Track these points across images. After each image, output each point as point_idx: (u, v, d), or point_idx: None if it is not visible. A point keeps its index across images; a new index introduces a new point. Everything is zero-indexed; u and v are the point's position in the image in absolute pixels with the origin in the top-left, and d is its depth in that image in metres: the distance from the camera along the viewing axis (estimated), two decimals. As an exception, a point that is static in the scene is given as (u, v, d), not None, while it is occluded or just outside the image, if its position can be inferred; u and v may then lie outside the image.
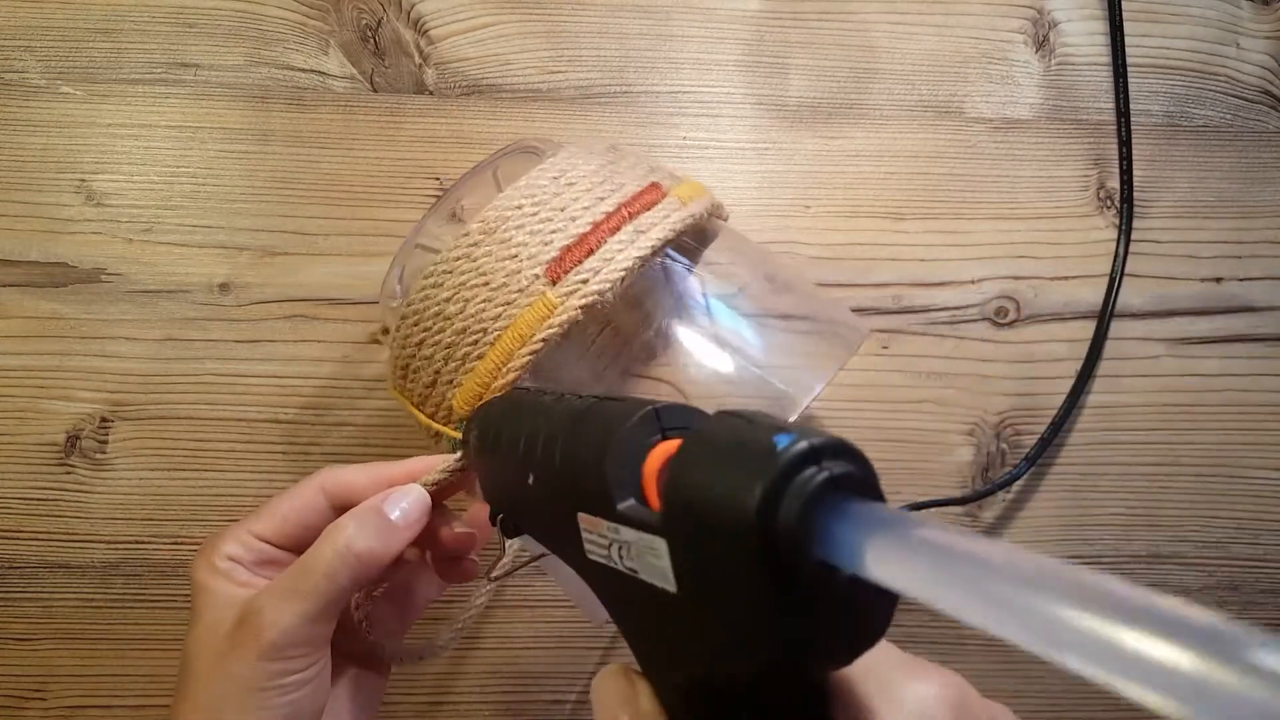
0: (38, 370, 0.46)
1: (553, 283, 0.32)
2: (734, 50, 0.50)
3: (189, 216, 0.48)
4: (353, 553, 0.30)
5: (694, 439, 0.20)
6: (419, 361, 0.34)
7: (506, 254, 0.33)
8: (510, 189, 0.34)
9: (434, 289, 0.33)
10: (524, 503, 0.28)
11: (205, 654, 0.30)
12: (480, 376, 0.32)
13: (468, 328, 0.33)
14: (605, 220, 0.33)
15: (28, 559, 0.46)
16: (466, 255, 0.33)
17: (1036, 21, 0.51)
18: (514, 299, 0.32)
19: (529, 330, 0.32)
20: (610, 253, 0.33)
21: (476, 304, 0.33)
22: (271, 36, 0.49)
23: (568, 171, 0.35)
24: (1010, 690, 0.47)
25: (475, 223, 0.33)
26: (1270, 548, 0.48)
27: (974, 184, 0.50)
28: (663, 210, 0.34)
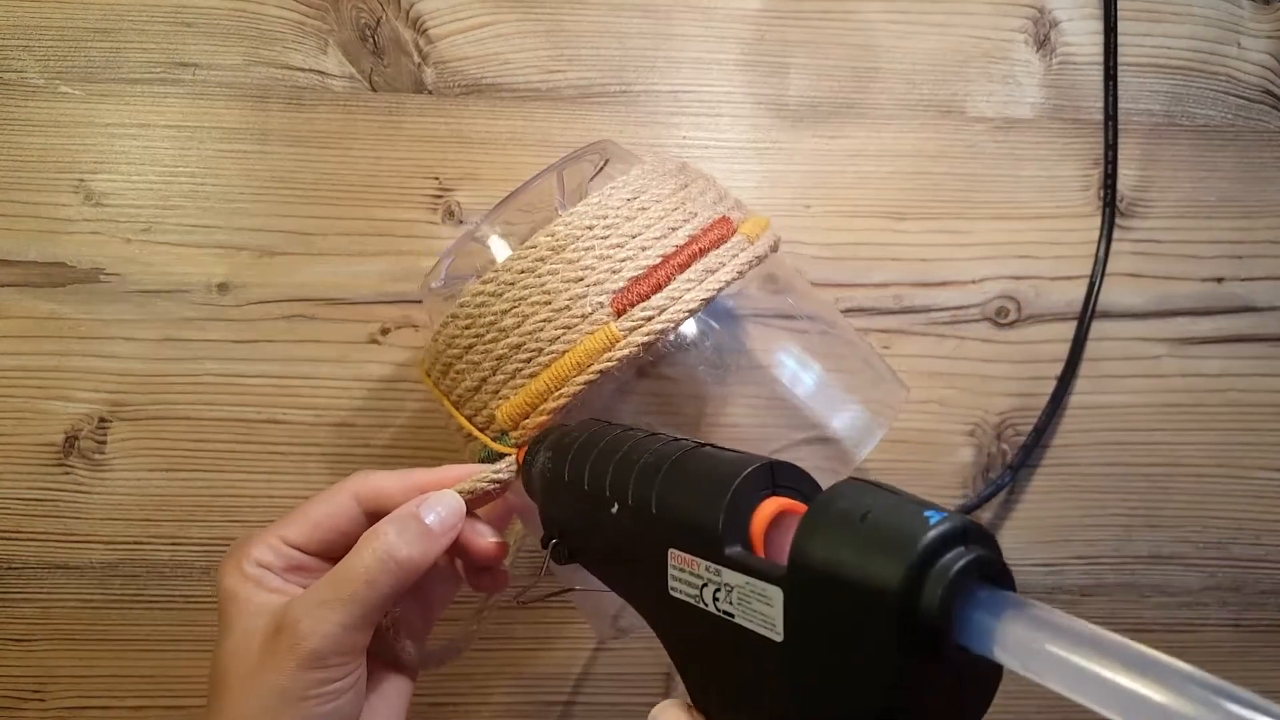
0: (36, 370, 0.46)
1: (617, 314, 0.32)
2: (734, 49, 0.50)
3: (188, 216, 0.47)
4: (394, 559, 0.30)
5: (833, 500, 0.21)
6: (465, 365, 0.34)
7: (573, 276, 0.32)
8: (582, 205, 0.33)
9: (492, 297, 0.33)
10: (596, 532, 0.28)
11: (240, 665, 0.29)
12: (530, 395, 0.32)
13: (524, 344, 0.32)
14: (675, 254, 0.33)
15: (26, 559, 0.45)
16: (531, 270, 0.32)
17: (1037, 21, 0.51)
18: (575, 324, 0.32)
19: (587, 359, 0.31)
20: (678, 290, 0.32)
21: (536, 321, 0.32)
22: (270, 36, 0.49)
23: (641, 195, 0.34)
24: (1010, 691, 0.47)
25: (544, 236, 0.33)
26: (1271, 548, 0.48)
27: (975, 183, 0.50)
28: (731, 249, 0.34)
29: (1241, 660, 0.48)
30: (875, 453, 0.48)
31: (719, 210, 0.35)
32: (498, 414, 0.33)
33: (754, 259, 0.34)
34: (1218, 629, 0.48)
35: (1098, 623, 0.50)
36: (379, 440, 0.47)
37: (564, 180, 0.38)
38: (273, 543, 0.32)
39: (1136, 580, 0.48)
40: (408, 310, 0.47)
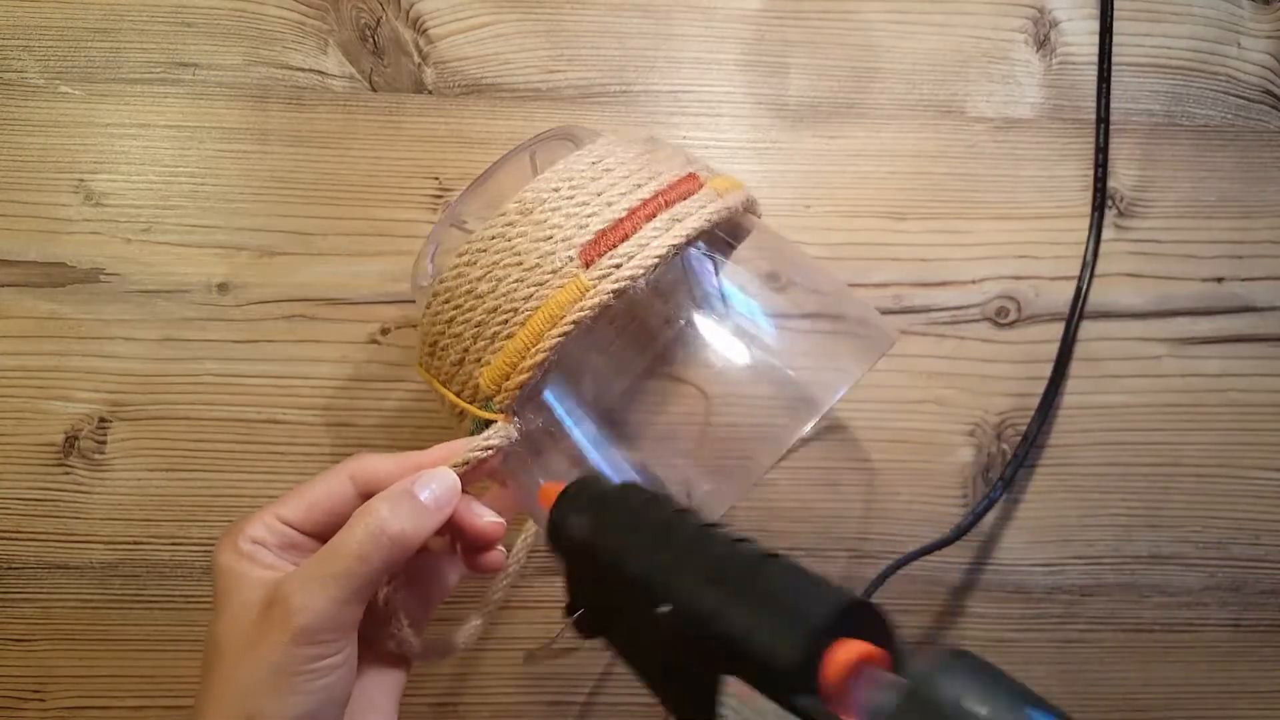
0: (36, 370, 0.46)
1: (586, 265, 0.32)
2: (734, 49, 0.50)
3: (188, 216, 0.47)
4: (386, 534, 0.30)
5: (932, 688, 0.19)
6: (448, 339, 0.34)
7: (541, 235, 0.33)
8: (548, 172, 0.34)
9: (467, 267, 0.33)
10: (635, 624, 0.26)
11: (233, 640, 0.29)
12: (509, 355, 0.32)
13: (499, 306, 0.33)
14: (641, 207, 0.33)
15: (26, 559, 0.46)
16: (501, 235, 0.33)
17: (1037, 21, 0.51)
18: (547, 279, 0.32)
19: (560, 311, 0.32)
20: (645, 239, 0.33)
21: (509, 283, 0.32)
22: (270, 36, 0.49)
23: (605, 158, 0.35)
24: (1011, 691, 0.47)
25: (512, 203, 0.33)
26: (1271, 548, 0.48)
27: (975, 183, 0.50)
28: (699, 200, 0.34)
29: (1241, 660, 0.48)
30: (876, 453, 0.48)
31: (687, 170, 0.36)
32: (481, 381, 0.33)
33: (723, 209, 0.34)
34: (1217, 629, 0.48)
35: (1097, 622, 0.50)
36: (379, 440, 0.47)
37: (536, 162, 0.38)
38: (268, 521, 0.32)
39: (1136, 580, 0.48)
40: (408, 310, 0.47)
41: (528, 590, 0.46)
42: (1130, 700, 0.47)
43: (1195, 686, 0.48)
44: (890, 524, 0.47)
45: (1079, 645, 0.47)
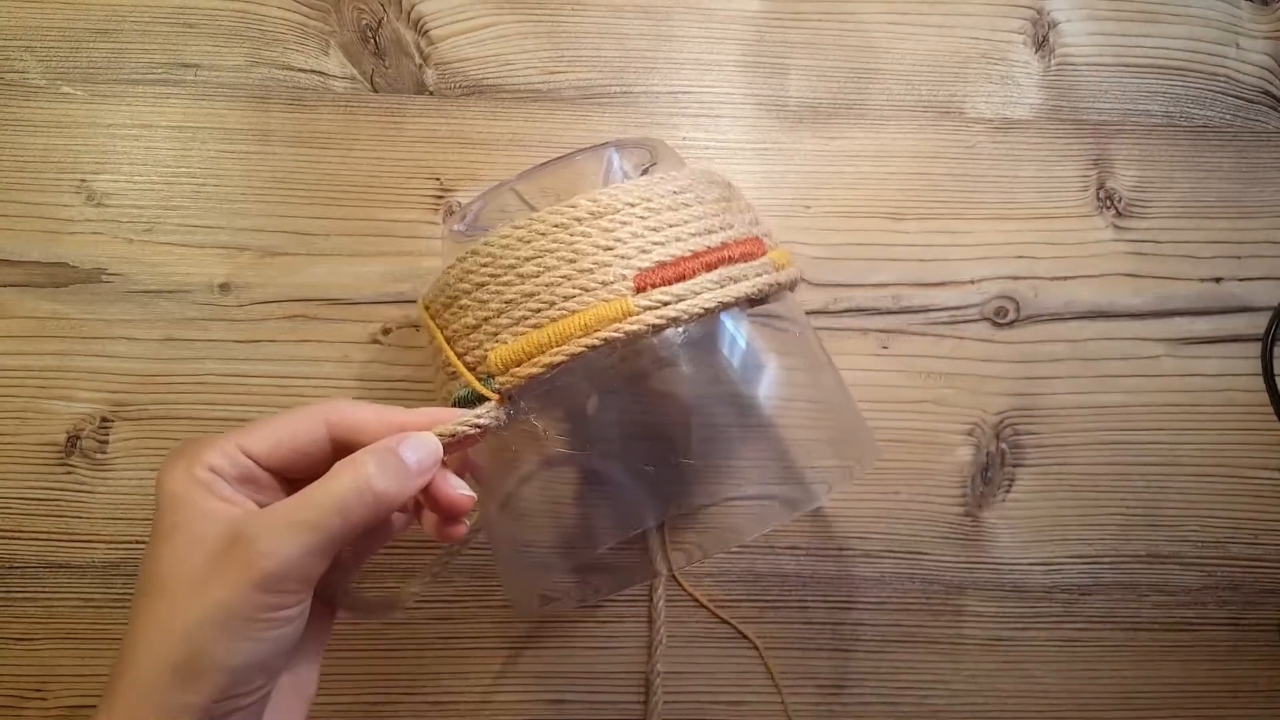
0: (38, 370, 0.46)
1: (637, 290, 0.32)
2: (734, 51, 0.50)
3: (189, 217, 0.48)
4: (372, 492, 0.29)
5: None
6: (471, 300, 0.33)
7: (604, 243, 0.32)
8: (631, 183, 0.34)
9: (519, 242, 0.33)
10: None
11: (181, 573, 0.28)
12: (530, 344, 0.32)
13: (538, 294, 0.32)
14: (707, 252, 0.33)
15: (28, 559, 0.46)
16: (565, 227, 0.33)
17: (1036, 22, 0.51)
18: (594, 288, 0.32)
19: (597, 323, 0.31)
20: (700, 287, 0.32)
21: (556, 275, 0.32)
22: (272, 37, 0.49)
23: (687, 191, 0.34)
24: (1009, 690, 0.47)
25: (586, 199, 0.33)
26: (1269, 547, 0.48)
27: (974, 184, 0.50)
28: (757, 267, 0.34)
29: (1240, 659, 0.48)
30: (874, 452, 0.48)
31: (755, 231, 0.36)
32: (490, 355, 0.32)
33: (778, 283, 0.35)
34: (1216, 628, 0.48)
35: (1096, 621, 0.50)
36: (380, 440, 0.47)
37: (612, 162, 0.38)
38: (229, 450, 0.30)
39: (1135, 579, 0.48)
40: (409, 310, 0.47)
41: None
42: (1129, 699, 0.48)
43: (1194, 685, 0.48)
44: (890, 523, 0.48)
45: (1078, 644, 0.48)
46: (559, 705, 0.47)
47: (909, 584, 0.47)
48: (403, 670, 0.46)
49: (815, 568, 0.47)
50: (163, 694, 0.27)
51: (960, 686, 0.47)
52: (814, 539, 0.47)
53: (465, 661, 0.46)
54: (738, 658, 0.47)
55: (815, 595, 0.47)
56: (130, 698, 0.27)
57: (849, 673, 0.47)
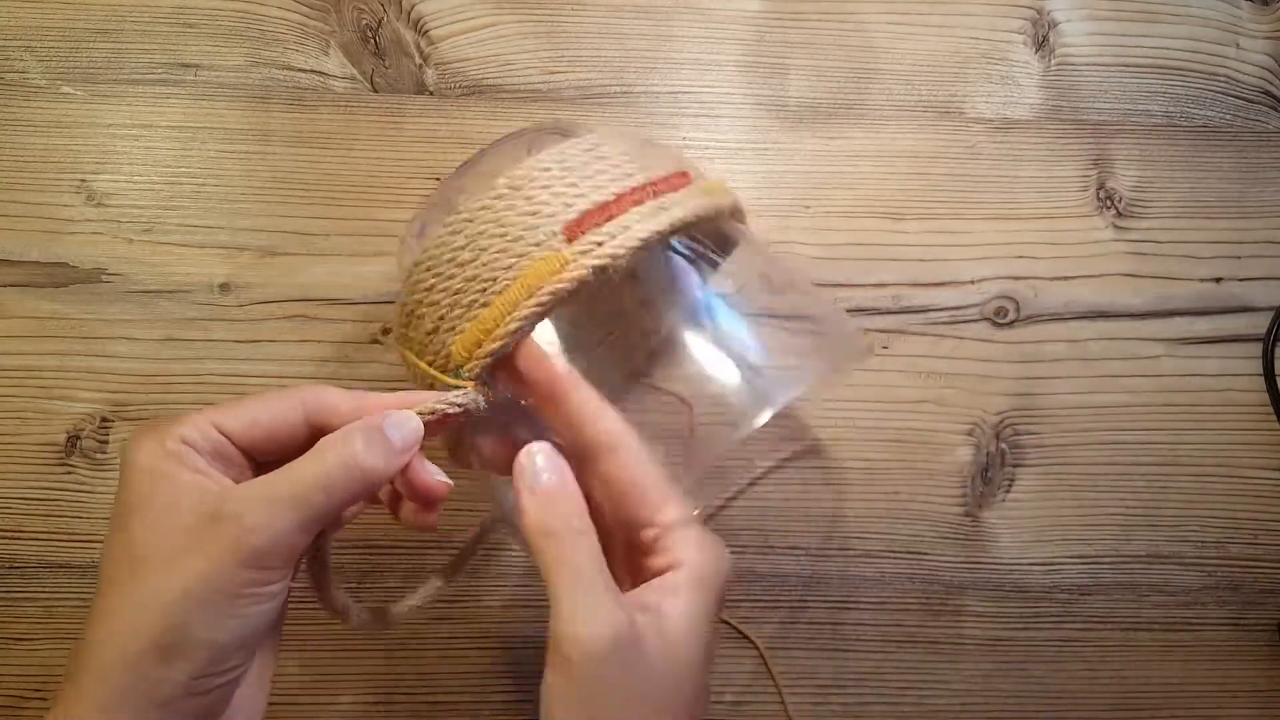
0: (38, 370, 0.46)
1: (569, 241, 0.32)
2: (734, 51, 0.50)
3: (189, 217, 0.48)
4: (359, 468, 0.28)
5: None
6: (425, 308, 0.34)
7: (528, 209, 0.33)
8: (543, 153, 0.34)
9: (451, 236, 0.33)
10: None
11: (157, 546, 0.27)
12: (483, 324, 0.32)
13: (479, 275, 0.33)
14: (630, 193, 0.33)
15: (28, 559, 0.46)
16: (488, 207, 0.33)
17: (1036, 22, 0.51)
18: (528, 251, 0.32)
19: (537, 282, 0.32)
20: (629, 221, 0.33)
21: (491, 253, 0.32)
22: (272, 37, 0.49)
23: (600, 145, 0.35)
24: (1009, 691, 0.47)
25: (502, 179, 0.33)
26: (1269, 547, 0.48)
27: (974, 184, 0.50)
28: (687, 194, 0.35)
29: (1239, 660, 0.48)
30: (874, 452, 0.48)
31: (679, 167, 0.36)
32: (453, 349, 0.33)
33: (711, 206, 0.35)
34: (1216, 628, 0.48)
35: (1096, 621, 0.50)
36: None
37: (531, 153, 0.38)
38: (203, 426, 0.29)
39: (1134, 579, 0.48)
40: (409, 310, 0.47)
41: (525, 589, 0.47)
42: (1128, 699, 0.48)
43: (1194, 686, 0.48)
44: (890, 524, 0.48)
45: (1077, 644, 0.48)
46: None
47: (909, 584, 0.47)
48: (403, 670, 0.46)
49: (815, 568, 0.47)
50: (141, 670, 0.26)
51: (960, 686, 0.47)
52: (814, 539, 0.47)
53: (465, 661, 0.46)
54: (738, 658, 0.47)
55: (815, 595, 0.47)
56: (106, 675, 0.27)
57: (849, 673, 0.47)
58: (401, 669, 0.46)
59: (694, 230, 0.35)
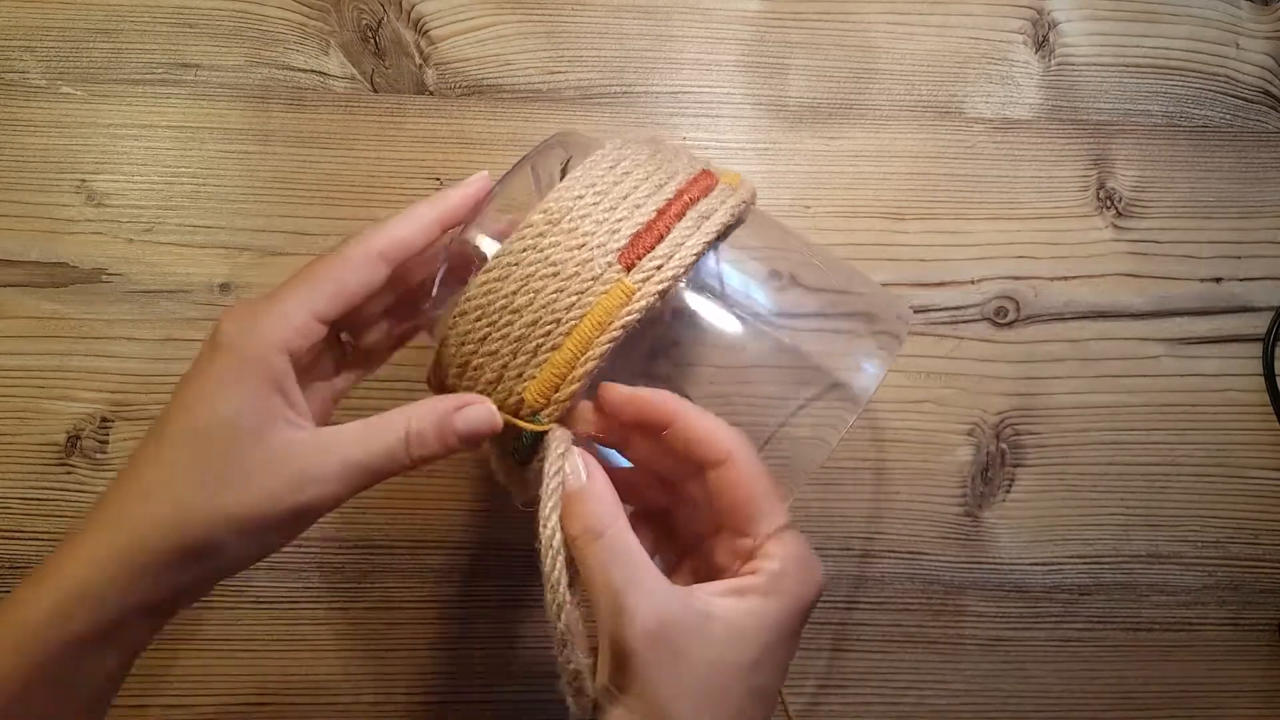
0: (38, 370, 0.46)
1: (626, 270, 0.32)
2: (734, 51, 0.50)
3: (189, 217, 0.48)
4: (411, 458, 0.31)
5: None
6: (482, 357, 0.33)
7: (575, 243, 0.32)
8: (567, 180, 0.34)
9: (498, 282, 0.33)
10: None
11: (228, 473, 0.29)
12: (557, 367, 0.32)
13: (539, 319, 0.32)
14: (668, 206, 0.33)
15: (28, 559, 0.46)
16: (532, 246, 0.32)
17: (1036, 22, 0.51)
18: (588, 287, 0.32)
19: (607, 317, 0.31)
20: (679, 238, 0.33)
21: (547, 294, 0.32)
22: (272, 37, 0.49)
23: (621, 161, 0.34)
24: (1009, 691, 0.47)
25: (537, 214, 0.33)
26: (1270, 547, 0.48)
27: (974, 184, 0.50)
28: (719, 196, 0.34)
29: (1239, 659, 0.48)
30: (873, 453, 0.48)
31: (697, 166, 0.36)
32: (526, 396, 0.32)
33: (741, 203, 0.35)
34: (1216, 628, 0.48)
35: (1096, 621, 0.50)
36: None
37: (538, 173, 0.38)
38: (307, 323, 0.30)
39: (1135, 580, 0.48)
40: (409, 310, 0.47)
41: (526, 591, 0.47)
42: (1129, 699, 0.48)
43: (1194, 686, 0.48)
44: (890, 523, 0.48)
45: (1077, 644, 0.48)
46: (559, 706, 0.47)
47: (909, 584, 0.47)
48: (403, 670, 0.46)
49: (815, 568, 0.47)
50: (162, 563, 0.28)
51: (960, 687, 0.47)
52: (815, 539, 0.47)
53: (465, 662, 0.46)
54: (738, 658, 0.47)
55: (815, 595, 0.47)
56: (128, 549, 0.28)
57: (849, 672, 0.47)
58: (402, 669, 0.46)
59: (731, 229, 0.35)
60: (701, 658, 0.28)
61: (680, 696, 0.28)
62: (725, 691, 0.28)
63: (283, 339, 0.30)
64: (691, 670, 0.28)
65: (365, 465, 0.30)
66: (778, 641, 0.29)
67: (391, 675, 0.46)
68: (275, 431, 0.29)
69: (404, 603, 0.46)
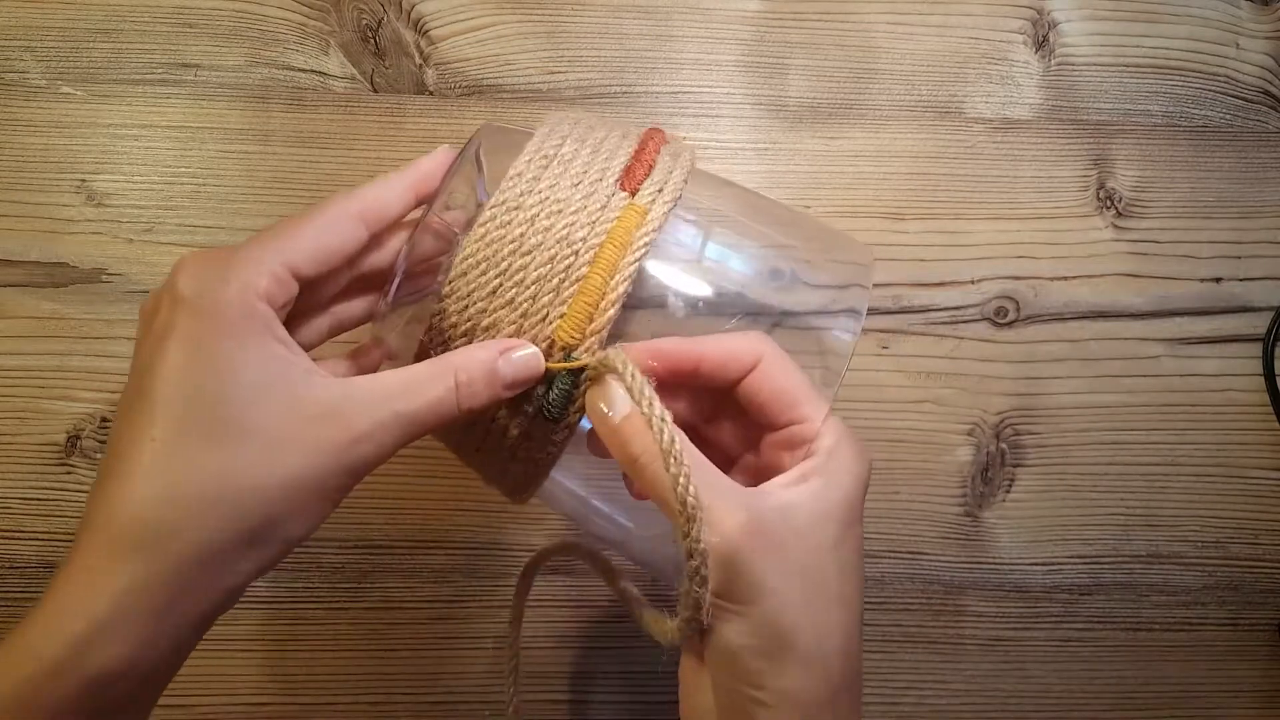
0: (38, 370, 0.46)
1: (631, 194, 0.32)
2: (734, 51, 0.50)
3: (189, 217, 0.48)
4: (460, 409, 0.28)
5: None
6: (495, 313, 0.31)
7: (572, 180, 0.32)
8: (540, 133, 0.33)
9: (501, 229, 0.31)
10: None
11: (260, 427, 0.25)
12: (588, 296, 0.30)
13: (557, 254, 0.31)
14: (643, 147, 0.33)
15: (28, 559, 0.46)
16: (528, 190, 0.32)
17: (1036, 22, 0.51)
18: (599, 215, 0.31)
19: (628, 237, 0.31)
20: (667, 166, 0.33)
21: (559, 230, 0.31)
22: (272, 37, 0.49)
23: (578, 124, 0.34)
24: (1009, 691, 0.47)
25: (523, 159, 0.32)
26: (1269, 547, 0.48)
27: (974, 184, 0.50)
28: (675, 143, 0.35)
29: (1239, 659, 0.48)
30: (875, 452, 0.47)
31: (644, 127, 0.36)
32: (557, 335, 0.31)
33: (691, 149, 0.35)
34: (1216, 628, 0.48)
35: (1096, 621, 0.50)
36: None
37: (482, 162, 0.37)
38: (280, 273, 0.27)
39: (1135, 580, 0.48)
40: (409, 310, 0.47)
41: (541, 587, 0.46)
42: (1129, 699, 0.48)
43: (1193, 685, 0.48)
44: (890, 524, 0.48)
45: (1077, 644, 0.48)
46: (558, 705, 0.47)
47: (909, 584, 0.47)
48: (402, 671, 0.46)
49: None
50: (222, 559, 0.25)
51: (960, 687, 0.47)
52: (814, 539, 0.47)
53: (465, 662, 0.46)
54: (738, 658, 0.47)
55: (815, 595, 0.47)
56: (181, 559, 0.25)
57: (849, 673, 0.47)
58: (401, 669, 0.46)
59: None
60: (799, 545, 0.28)
61: (791, 589, 0.27)
62: (824, 574, 0.28)
63: (263, 287, 0.27)
64: (794, 559, 0.27)
65: (415, 418, 0.27)
66: (852, 517, 0.29)
67: (391, 675, 0.46)
68: (305, 386, 0.26)
69: (404, 603, 0.46)
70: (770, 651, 0.27)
